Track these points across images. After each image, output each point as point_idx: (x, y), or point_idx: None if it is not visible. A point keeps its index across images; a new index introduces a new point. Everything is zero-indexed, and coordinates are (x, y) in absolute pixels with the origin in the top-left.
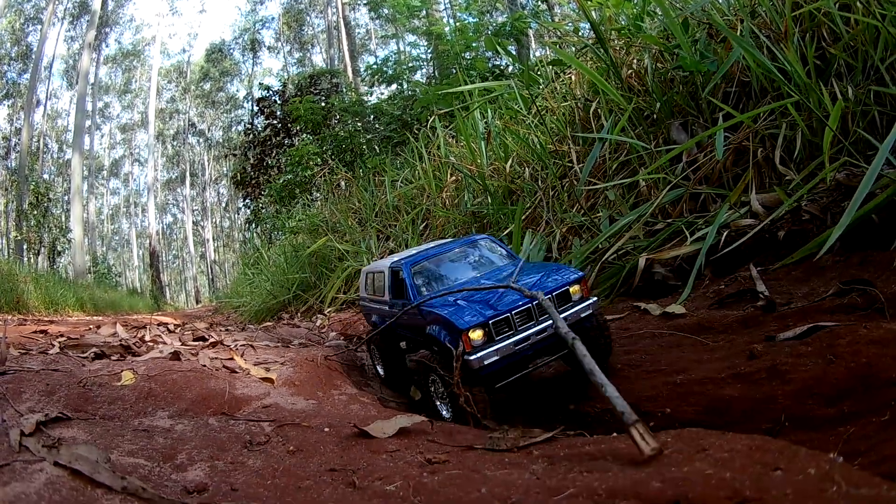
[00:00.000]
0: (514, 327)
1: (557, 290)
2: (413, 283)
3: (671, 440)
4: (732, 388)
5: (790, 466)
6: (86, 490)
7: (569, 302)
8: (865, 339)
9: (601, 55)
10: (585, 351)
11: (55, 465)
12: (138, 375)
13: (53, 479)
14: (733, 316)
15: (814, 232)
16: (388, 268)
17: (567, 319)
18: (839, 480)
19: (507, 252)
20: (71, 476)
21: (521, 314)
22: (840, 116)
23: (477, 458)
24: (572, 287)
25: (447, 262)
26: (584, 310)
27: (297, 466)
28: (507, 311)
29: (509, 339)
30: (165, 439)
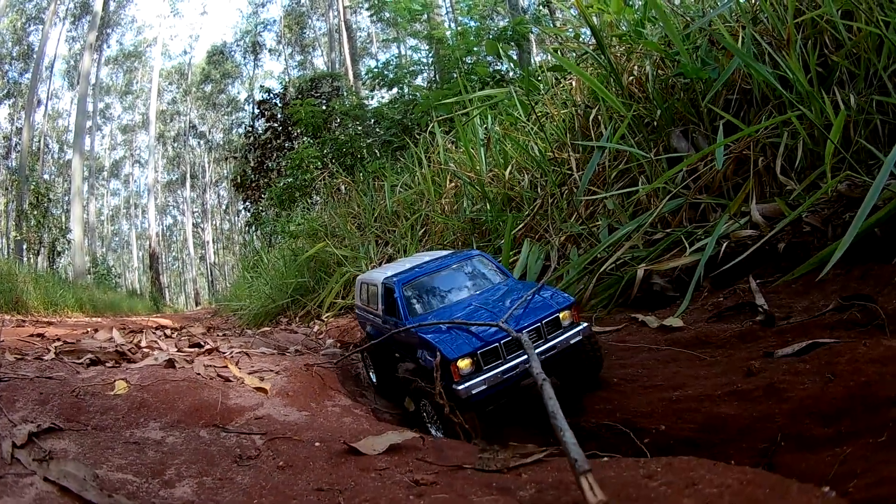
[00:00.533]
0: (503, 356)
1: (547, 318)
2: (405, 303)
3: (661, 470)
4: (729, 406)
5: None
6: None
7: (559, 328)
8: (865, 358)
9: (602, 61)
10: (552, 394)
11: (45, 480)
12: (131, 385)
13: (43, 495)
14: (731, 330)
15: (814, 244)
16: (381, 283)
17: (556, 346)
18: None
19: (500, 269)
20: (60, 492)
21: (510, 343)
22: (842, 127)
23: (465, 481)
24: (562, 313)
25: (440, 279)
26: (573, 336)
27: (285, 484)
28: (496, 342)
29: (497, 368)
30: (156, 453)
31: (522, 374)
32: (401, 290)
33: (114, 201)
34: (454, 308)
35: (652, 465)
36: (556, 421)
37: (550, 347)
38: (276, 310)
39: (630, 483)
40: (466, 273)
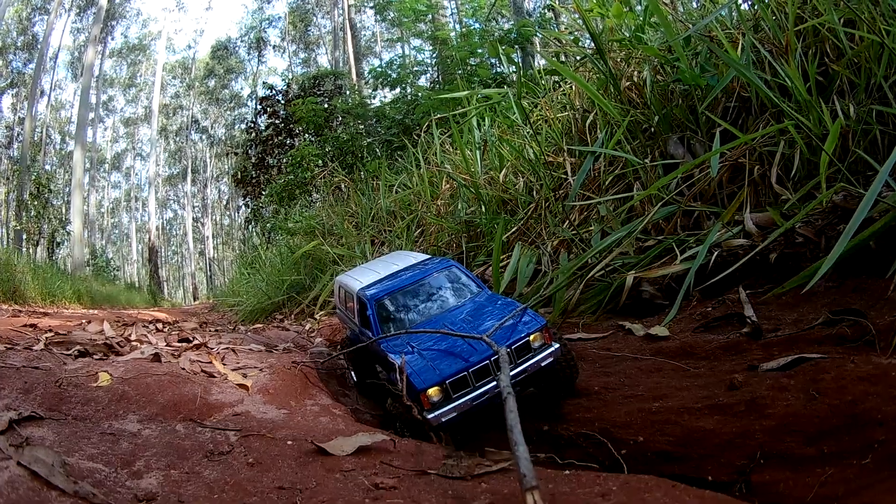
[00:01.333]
0: (472, 384)
1: (516, 343)
2: (377, 319)
3: (616, 490)
4: (709, 420)
5: None
6: (41, 491)
7: (529, 351)
8: (852, 375)
9: (600, 66)
10: (514, 407)
11: (18, 464)
12: (114, 377)
13: (15, 479)
14: (717, 341)
15: (807, 256)
16: (356, 294)
17: (527, 370)
18: None
19: (476, 283)
20: (31, 476)
21: (479, 371)
22: (840, 136)
23: (425, 486)
24: (532, 335)
25: (413, 295)
26: (544, 358)
27: (249, 480)
28: (465, 370)
29: (466, 395)
30: (129, 444)
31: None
32: (373, 306)
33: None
34: (426, 325)
35: (610, 482)
36: (513, 434)
37: (520, 371)
38: (272, 307)
39: (582, 500)
40: (441, 287)
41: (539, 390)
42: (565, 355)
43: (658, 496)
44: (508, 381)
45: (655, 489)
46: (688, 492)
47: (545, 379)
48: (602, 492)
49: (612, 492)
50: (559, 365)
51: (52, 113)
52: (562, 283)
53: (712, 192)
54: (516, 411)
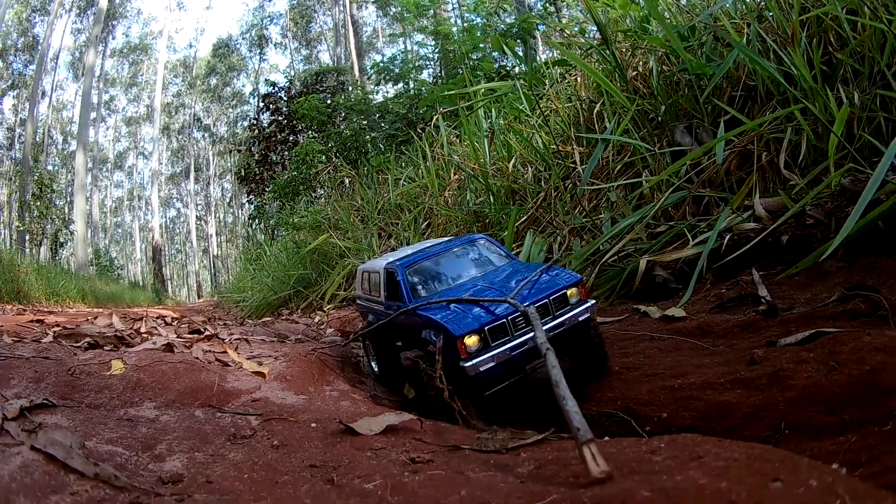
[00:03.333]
0: (511, 333)
1: (554, 293)
2: (408, 286)
3: (664, 446)
4: (731, 394)
5: (791, 478)
6: (58, 475)
7: (567, 305)
8: (869, 347)
9: (607, 57)
10: (555, 362)
11: (32, 449)
12: (128, 365)
13: (28, 463)
14: (734, 320)
15: (818, 237)
16: (383, 268)
17: (565, 323)
18: (843, 494)
19: (505, 252)
20: (46, 460)
21: (518, 320)
22: (846, 122)
23: (462, 459)
24: (570, 290)
25: (443, 262)
26: (581, 313)
27: (277, 461)
28: (504, 317)
29: (505, 344)
30: (148, 429)
31: (530, 353)
32: (404, 273)
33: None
34: (459, 290)
35: (655, 441)
36: (559, 389)
37: (559, 324)
38: (278, 301)
39: (633, 458)
40: (470, 256)
41: (572, 363)
42: (596, 330)
43: (708, 448)
44: (545, 337)
45: (703, 443)
46: (735, 444)
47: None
48: (651, 449)
49: (660, 448)
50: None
51: (54, 113)
52: (575, 268)
53: (721, 179)
54: (558, 366)
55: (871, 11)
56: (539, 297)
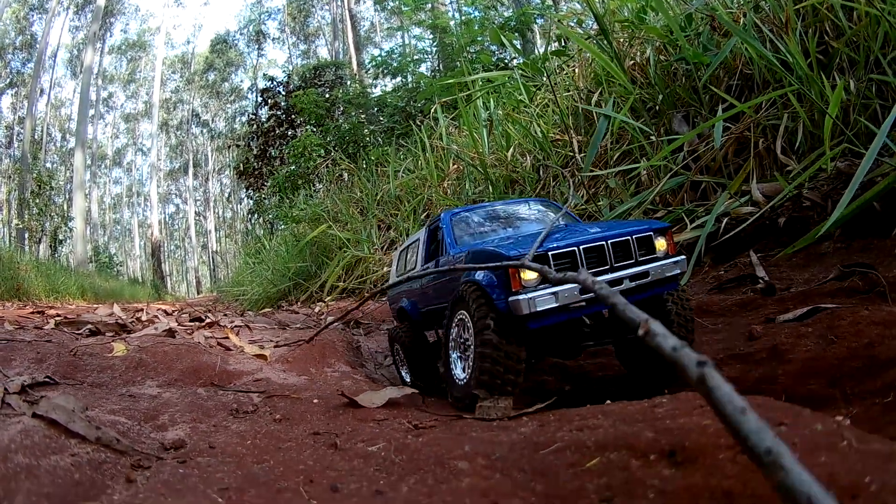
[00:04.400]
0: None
1: (639, 233)
2: (453, 236)
3: (666, 401)
4: (732, 369)
5: (796, 422)
6: (59, 438)
7: (653, 254)
8: (867, 320)
9: (605, 46)
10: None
11: (33, 416)
12: (130, 347)
13: (28, 428)
14: (733, 299)
15: (814, 219)
16: (425, 228)
17: (650, 274)
18: (849, 437)
19: (569, 214)
20: (47, 425)
21: (592, 253)
22: (841, 108)
23: (465, 425)
24: (657, 238)
25: (496, 216)
26: (670, 267)
27: (280, 431)
28: (574, 245)
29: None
30: (150, 404)
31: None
32: (449, 220)
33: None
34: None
35: (657, 399)
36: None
37: (643, 273)
38: (278, 294)
39: (635, 412)
40: (527, 211)
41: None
42: (682, 298)
43: None
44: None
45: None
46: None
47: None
48: (653, 404)
49: (663, 403)
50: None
51: (52, 111)
52: None
53: (718, 165)
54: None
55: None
56: (618, 232)
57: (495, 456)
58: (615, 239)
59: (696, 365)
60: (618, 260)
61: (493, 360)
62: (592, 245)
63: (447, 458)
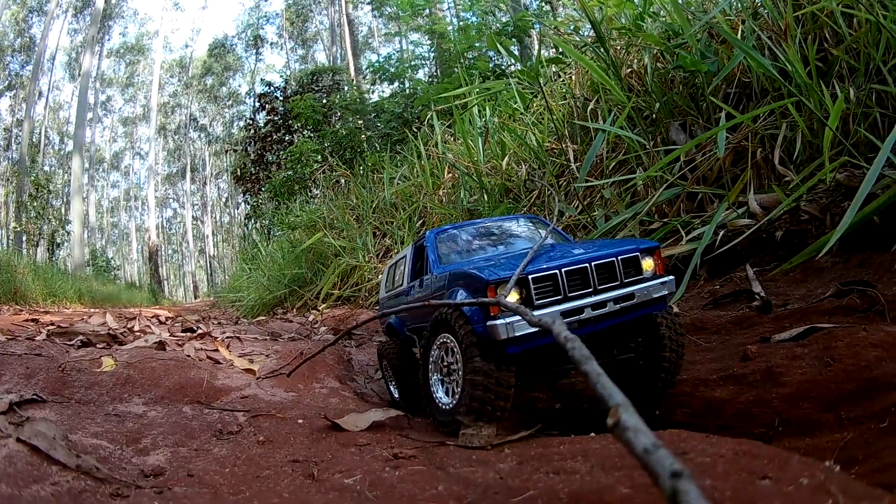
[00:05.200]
0: (563, 292)
1: (625, 254)
2: (437, 254)
3: None
4: (725, 390)
5: (781, 475)
6: (41, 465)
7: (639, 274)
8: (865, 342)
9: (601, 54)
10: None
11: (17, 440)
12: (119, 362)
13: (13, 454)
14: (728, 316)
15: (812, 232)
16: (412, 245)
17: (636, 296)
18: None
19: (559, 232)
20: (30, 451)
21: (575, 276)
22: (841, 117)
23: (445, 455)
24: (644, 259)
25: (483, 234)
26: (657, 288)
27: (261, 456)
28: (556, 268)
29: (555, 306)
30: (134, 424)
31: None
32: (433, 239)
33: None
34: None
35: None
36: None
37: (628, 295)
38: (273, 301)
39: (616, 454)
40: (516, 229)
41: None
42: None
43: (694, 444)
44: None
45: (689, 439)
46: (723, 440)
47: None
48: None
49: None
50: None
51: (51, 114)
52: None
53: (715, 176)
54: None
55: (866, 7)
56: (603, 253)
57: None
58: (599, 261)
59: (671, 476)
60: (602, 282)
61: (484, 387)
62: (576, 267)
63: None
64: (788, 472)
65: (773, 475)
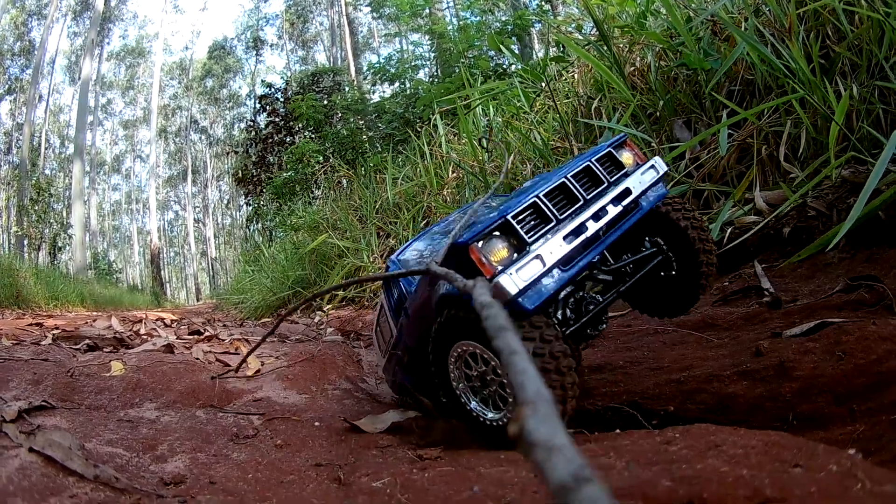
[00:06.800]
0: (555, 216)
1: (598, 155)
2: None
3: (679, 437)
4: (738, 386)
5: (810, 463)
6: (57, 477)
7: (622, 169)
8: (875, 336)
9: (604, 52)
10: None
11: (30, 451)
12: (128, 366)
13: (26, 465)
14: (738, 313)
15: (819, 228)
16: (382, 292)
17: (632, 190)
18: (862, 478)
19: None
20: (44, 462)
21: (556, 197)
22: (845, 113)
23: (471, 456)
24: (620, 153)
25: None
26: (648, 173)
27: (282, 461)
28: (532, 198)
29: (556, 232)
30: (149, 430)
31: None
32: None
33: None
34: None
35: (669, 432)
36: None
37: (624, 191)
38: (277, 302)
39: (648, 449)
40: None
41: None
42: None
43: (724, 437)
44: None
45: (718, 432)
46: (751, 432)
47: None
48: (666, 440)
49: (675, 439)
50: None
51: (52, 117)
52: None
53: (721, 173)
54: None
55: (869, 3)
56: (573, 165)
57: (507, 500)
58: (574, 170)
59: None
60: (589, 190)
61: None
62: (553, 187)
63: (455, 501)
64: (817, 460)
65: (803, 463)
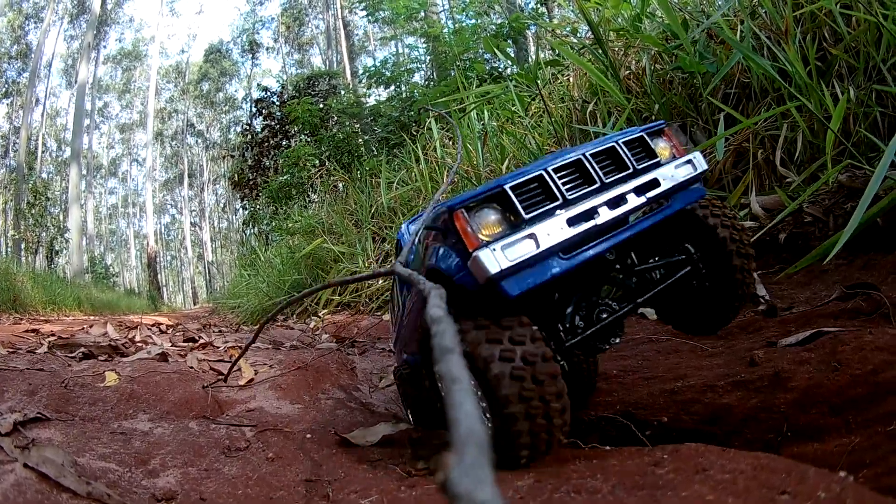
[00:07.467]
0: (562, 195)
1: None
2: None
3: (668, 457)
4: (732, 396)
5: (799, 489)
6: (51, 493)
7: (653, 159)
8: (871, 346)
9: (599, 56)
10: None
11: (25, 466)
12: (122, 377)
13: (21, 481)
14: (733, 320)
15: (816, 234)
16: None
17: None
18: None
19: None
20: (39, 479)
21: (569, 173)
22: (842, 117)
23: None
24: (654, 141)
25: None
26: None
27: (272, 475)
28: (540, 170)
29: (560, 213)
30: (142, 443)
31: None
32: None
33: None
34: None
35: (657, 452)
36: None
37: (650, 182)
38: (273, 307)
39: (635, 471)
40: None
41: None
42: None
43: (712, 459)
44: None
45: (707, 454)
46: (740, 454)
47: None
48: (654, 461)
49: (663, 460)
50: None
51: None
52: None
53: (717, 177)
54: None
55: (865, 6)
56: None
57: None
58: (595, 149)
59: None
60: (609, 174)
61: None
62: (567, 162)
63: None
64: (806, 486)
65: (791, 489)
